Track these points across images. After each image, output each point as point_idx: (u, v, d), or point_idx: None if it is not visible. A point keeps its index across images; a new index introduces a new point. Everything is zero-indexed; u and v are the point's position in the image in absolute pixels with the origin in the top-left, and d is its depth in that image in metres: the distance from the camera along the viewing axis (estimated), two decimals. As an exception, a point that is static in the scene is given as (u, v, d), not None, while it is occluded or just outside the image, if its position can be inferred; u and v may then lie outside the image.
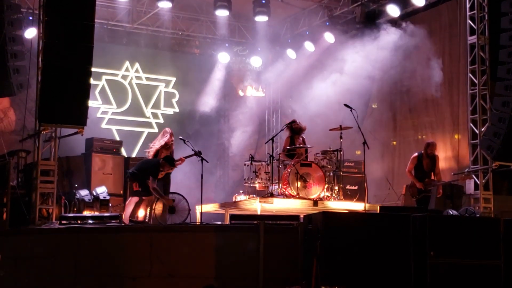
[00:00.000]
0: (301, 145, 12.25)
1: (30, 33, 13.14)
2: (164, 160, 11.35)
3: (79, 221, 9.92)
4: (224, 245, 8.96)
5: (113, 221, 9.95)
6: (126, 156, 14.15)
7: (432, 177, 11.94)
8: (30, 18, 13.53)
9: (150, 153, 11.98)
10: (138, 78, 16.77)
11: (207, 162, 11.36)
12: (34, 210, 10.26)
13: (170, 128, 12.26)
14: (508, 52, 11.63)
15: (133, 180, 11.43)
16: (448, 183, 12.34)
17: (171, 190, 11.92)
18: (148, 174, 11.18)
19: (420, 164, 11.91)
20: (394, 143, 15.73)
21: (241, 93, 18.02)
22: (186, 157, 11.80)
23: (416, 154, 12.09)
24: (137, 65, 16.73)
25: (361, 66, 14.73)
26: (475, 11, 12.86)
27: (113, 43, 16.22)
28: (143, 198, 11.39)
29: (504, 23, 11.75)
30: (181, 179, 13.13)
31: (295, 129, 12.36)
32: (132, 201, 11.40)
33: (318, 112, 14.95)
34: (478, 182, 12.63)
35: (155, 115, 16.91)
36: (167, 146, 11.90)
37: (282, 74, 17.21)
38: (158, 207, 11.37)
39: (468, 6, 13.05)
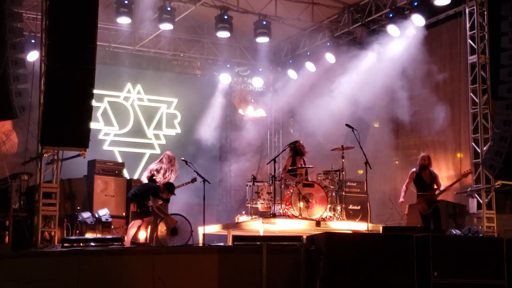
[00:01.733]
0: (302, 166, 12.24)
1: (33, 56, 13.22)
2: (164, 186, 11.43)
3: (81, 244, 9.93)
4: (227, 266, 8.92)
5: (115, 243, 9.95)
6: (128, 178, 14.11)
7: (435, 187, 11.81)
8: (33, 41, 13.60)
9: (159, 181, 11.97)
10: (140, 99, 16.82)
11: (209, 183, 11.34)
12: (37, 233, 10.22)
13: (172, 152, 12.31)
14: (508, 71, 11.65)
15: (132, 201, 11.53)
16: (450, 185, 12.22)
17: (174, 211, 11.91)
18: (148, 196, 11.27)
19: (420, 178, 11.77)
20: (397, 162, 15.71)
21: (242, 114, 18.06)
22: (189, 182, 11.92)
23: (413, 169, 12.03)
24: (139, 86, 16.79)
25: (362, 86, 14.77)
26: (475, 31, 12.92)
27: (115, 65, 16.31)
28: (144, 219, 11.40)
29: (504, 42, 11.79)
30: (183, 200, 13.11)
31: (297, 149, 12.36)
32: (135, 224, 11.39)
33: (320, 132, 14.97)
34: (481, 201, 12.59)
35: (157, 137, 16.94)
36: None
37: (283, 94, 17.27)
38: (161, 229, 11.36)
39: (468, 26, 13.12)
